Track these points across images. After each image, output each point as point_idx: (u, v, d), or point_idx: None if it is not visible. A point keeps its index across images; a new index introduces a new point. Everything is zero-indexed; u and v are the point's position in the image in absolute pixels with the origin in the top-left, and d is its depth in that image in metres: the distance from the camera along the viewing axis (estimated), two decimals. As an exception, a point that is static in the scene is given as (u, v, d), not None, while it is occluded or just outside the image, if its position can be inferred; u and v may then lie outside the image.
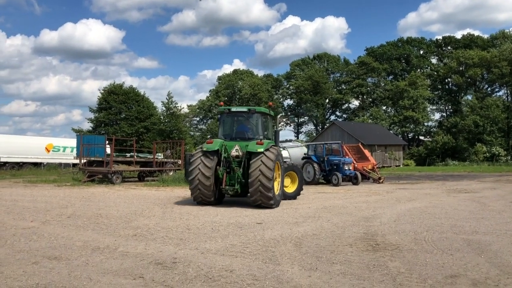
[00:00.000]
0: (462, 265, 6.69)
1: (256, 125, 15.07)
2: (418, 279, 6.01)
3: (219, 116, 15.62)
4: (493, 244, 8.17)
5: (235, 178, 13.93)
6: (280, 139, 19.09)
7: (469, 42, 76.05)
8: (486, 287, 5.64)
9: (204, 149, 13.95)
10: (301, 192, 17.03)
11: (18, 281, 5.94)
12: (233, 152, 14.09)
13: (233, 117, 15.39)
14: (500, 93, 72.20)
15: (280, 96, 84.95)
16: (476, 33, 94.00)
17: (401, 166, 57.82)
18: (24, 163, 40.46)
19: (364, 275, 6.22)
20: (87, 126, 63.61)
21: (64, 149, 43.55)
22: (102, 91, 61.27)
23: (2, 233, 9.37)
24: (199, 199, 14.10)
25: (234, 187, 13.93)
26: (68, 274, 6.23)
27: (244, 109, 15.26)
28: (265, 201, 13.44)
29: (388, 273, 6.30)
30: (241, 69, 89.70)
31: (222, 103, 15.85)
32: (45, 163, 42.01)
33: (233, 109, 15.37)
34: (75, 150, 33.80)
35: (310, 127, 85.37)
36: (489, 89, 73.73)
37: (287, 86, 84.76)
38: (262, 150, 13.47)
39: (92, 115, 61.50)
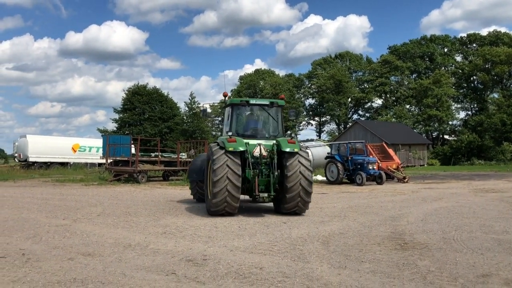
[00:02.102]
0: (493, 265, 6.64)
1: (277, 120, 13.29)
2: (449, 277, 6.00)
3: (229, 108, 12.99)
4: (524, 244, 8.07)
5: (269, 183, 11.78)
6: (301, 138, 18.41)
7: (495, 39, 74.48)
8: (518, 287, 5.59)
9: (230, 149, 11.36)
10: (325, 192, 16.87)
11: (56, 276, 6.15)
12: (256, 152, 11.98)
13: (251, 110, 13.31)
14: (528, 91, 70.62)
15: (302, 95, 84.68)
16: (502, 30, 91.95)
17: (425, 165, 57.03)
18: (51, 162, 41.46)
19: (394, 273, 6.23)
20: (111, 126, 64.73)
21: (90, 149, 44.44)
22: (126, 92, 62.27)
23: (37, 230, 9.69)
24: (221, 212, 11.60)
25: (270, 193, 11.66)
26: (103, 270, 6.42)
27: (266, 101, 13.19)
28: (303, 208, 11.95)
29: (418, 271, 6.30)
30: (262, 69, 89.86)
31: (226, 92, 13.54)
32: (71, 163, 42.94)
33: (252, 101, 13.05)
34: (101, 150, 34.50)
35: (333, 126, 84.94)
36: (516, 86, 72.18)
37: (309, 85, 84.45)
38: (298, 150, 11.85)
39: (116, 116, 62.55)
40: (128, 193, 19.01)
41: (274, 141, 12.24)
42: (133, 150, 29.27)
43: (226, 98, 13.69)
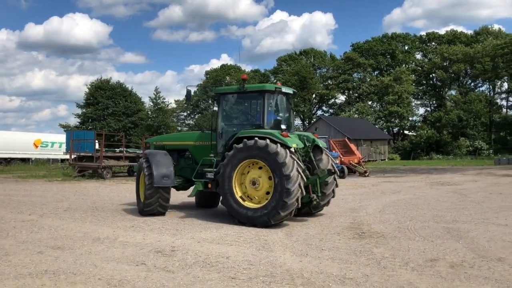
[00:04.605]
0: (441, 250, 7.23)
1: (292, 111, 11.97)
2: (401, 262, 6.52)
3: (260, 95, 10.57)
4: (471, 232, 8.74)
5: (315, 182, 10.24)
6: None
7: (453, 38, 77.17)
8: (462, 269, 6.15)
9: (294, 145, 9.72)
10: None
11: (27, 268, 6.30)
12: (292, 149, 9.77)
13: (277, 99, 11.08)
14: (483, 88, 73.55)
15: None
16: (460, 29, 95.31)
17: (386, 160, 58.71)
18: (12, 158, 40.34)
19: (351, 259, 6.71)
20: (74, 121, 63.63)
21: (52, 144, 43.50)
22: (89, 87, 61.25)
23: (3, 226, 9.70)
24: (280, 221, 9.60)
25: (318, 194, 10.20)
26: (73, 262, 6.61)
27: (291, 90, 11.47)
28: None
29: (374, 258, 6.81)
30: (228, 64, 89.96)
31: (245, 75, 11.05)
32: (33, 159, 41.95)
33: (284, 89, 11.04)
34: (63, 145, 33.91)
35: (297, 122, 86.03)
36: (472, 84, 74.95)
37: (274, 81, 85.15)
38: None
39: (79, 111, 61.44)
40: (93, 189, 18.95)
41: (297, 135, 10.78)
42: (97, 146, 28.99)
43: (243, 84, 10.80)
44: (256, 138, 9.58)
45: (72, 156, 28.07)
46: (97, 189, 19.01)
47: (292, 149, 9.60)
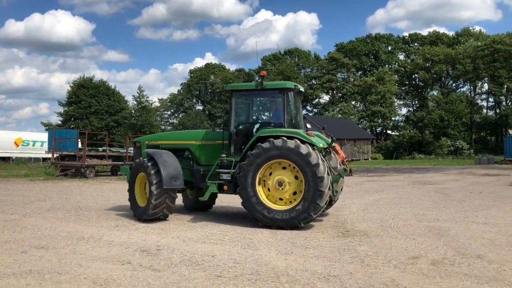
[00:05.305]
0: (423, 248, 7.38)
1: (301, 109, 11.58)
2: (384, 260, 6.64)
3: (280, 93, 10.11)
4: (451, 230, 8.93)
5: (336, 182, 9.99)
6: None
7: (435, 39, 78.21)
8: (443, 266, 6.30)
9: (320, 145, 9.66)
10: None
11: (11, 268, 6.25)
12: None
13: (294, 97, 10.58)
14: (464, 89, 74.70)
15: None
16: (442, 30, 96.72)
17: (369, 159, 59.28)
18: (-9, 157, 39.73)
19: (335, 257, 6.81)
20: (55, 119, 62.86)
21: (34, 143, 42.95)
22: (72, 85, 60.62)
23: (-15, 225, 9.57)
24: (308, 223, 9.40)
25: (334, 193, 10.00)
26: (58, 261, 6.58)
27: (302, 89, 11.03)
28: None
29: (357, 255, 6.92)
30: (213, 63, 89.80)
31: (264, 72, 10.42)
32: (14, 158, 41.34)
33: (299, 87, 10.64)
34: (45, 144, 33.49)
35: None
36: (453, 84, 76.03)
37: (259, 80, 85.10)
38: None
39: (61, 109, 60.79)
40: (76, 188, 18.79)
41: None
42: (80, 145, 28.72)
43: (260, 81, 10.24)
44: (285, 138, 9.20)
45: (55, 155, 27.76)
46: (80, 188, 18.85)
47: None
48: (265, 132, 9.54)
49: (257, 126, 10.33)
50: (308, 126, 10.06)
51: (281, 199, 9.38)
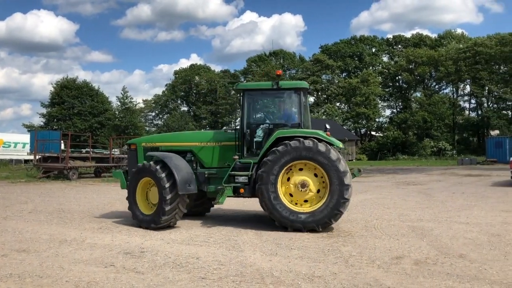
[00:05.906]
0: (406, 248, 7.44)
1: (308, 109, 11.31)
2: (368, 260, 6.68)
3: (296, 93, 9.90)
4: (434, 230, 9.03)
5: None
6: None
7: (418, 41, 79.17)
8: (426, 266, 6.36)
9: (341, 146, 9.51)
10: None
11: (-9, 272, 6.14)
12: None
13: (306, 98, 10.58)
14: (446, 90, 75.68)
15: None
16: (425, 32, 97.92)
17: (354, 160, 59.66)
18: (-29, 159, 39.00)
19: (320, 258, 6.83)
20: (38, 121, 62.13)
21: (15, 145, 42.27)
22: (55, 86, 59.89)
23: (-36, 229, 9.39)
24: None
25: None
26: (39, 265, 6.48)
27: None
28: None
29: (341, 256, 6.95)
30: (198, 64, 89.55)
31: (280, 71, 10.43)
32: (-6, 160, 40.65)
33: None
34: (27, 146, 33.02)
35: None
36: (436, 86, 77.04)
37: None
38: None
39: (44, 110, 60.00)
40: (59, 190, 18.55)
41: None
42: (62, 146, 28.38)
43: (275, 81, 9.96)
44: (314, 139, 8.98)
45: (37, 157, 27.40)
46: (63, 190, 18.61)
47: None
48: (283, 133, 9.29)
49: (271, 126, 10.00)
50: (328, 126, 9.80)
51: (305, 200, 9.15)
